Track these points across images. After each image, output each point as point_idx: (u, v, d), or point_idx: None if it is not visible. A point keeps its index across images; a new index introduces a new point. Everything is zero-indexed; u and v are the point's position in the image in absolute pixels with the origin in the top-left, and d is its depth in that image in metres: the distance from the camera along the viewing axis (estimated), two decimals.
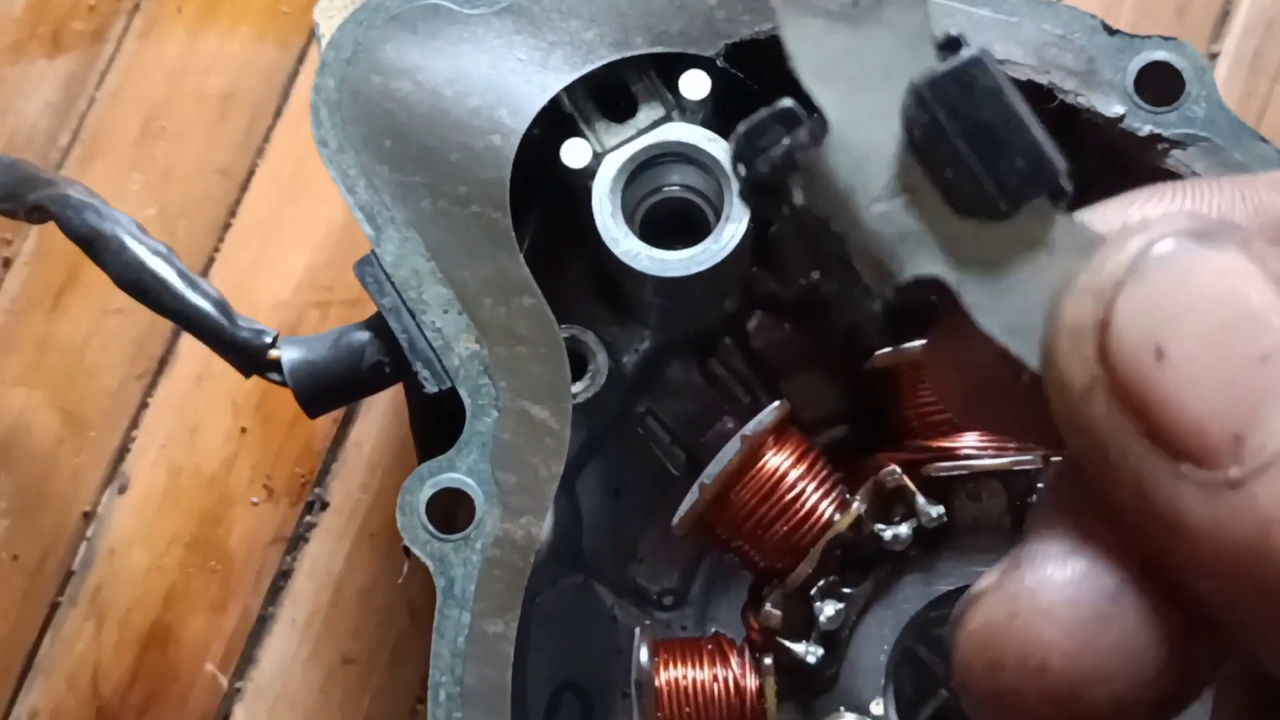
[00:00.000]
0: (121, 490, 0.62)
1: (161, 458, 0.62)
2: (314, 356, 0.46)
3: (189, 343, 0.64)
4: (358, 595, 0.61)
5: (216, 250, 0.64)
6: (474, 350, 0.44)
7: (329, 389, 0.46)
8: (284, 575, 0.61)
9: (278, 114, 0.66)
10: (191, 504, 0.62)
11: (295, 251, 0.64)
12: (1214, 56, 0.67)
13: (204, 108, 0.66)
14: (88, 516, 0.62)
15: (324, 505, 0.62)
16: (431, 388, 0.44)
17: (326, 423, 0.62)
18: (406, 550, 0.44)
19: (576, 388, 0.48)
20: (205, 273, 0.64)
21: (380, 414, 0.63)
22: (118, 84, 0.66)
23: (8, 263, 0.64)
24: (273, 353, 0.46)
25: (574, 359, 0.48)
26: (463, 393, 0.44)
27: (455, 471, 0.44)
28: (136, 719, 0.60)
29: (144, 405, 0.63)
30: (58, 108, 0.65)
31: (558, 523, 0.52)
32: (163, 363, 0.64)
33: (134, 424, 0.63)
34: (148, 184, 0.65)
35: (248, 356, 0.46)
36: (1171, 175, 0.44)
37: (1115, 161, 0.44)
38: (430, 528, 0.43)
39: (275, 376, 0.46)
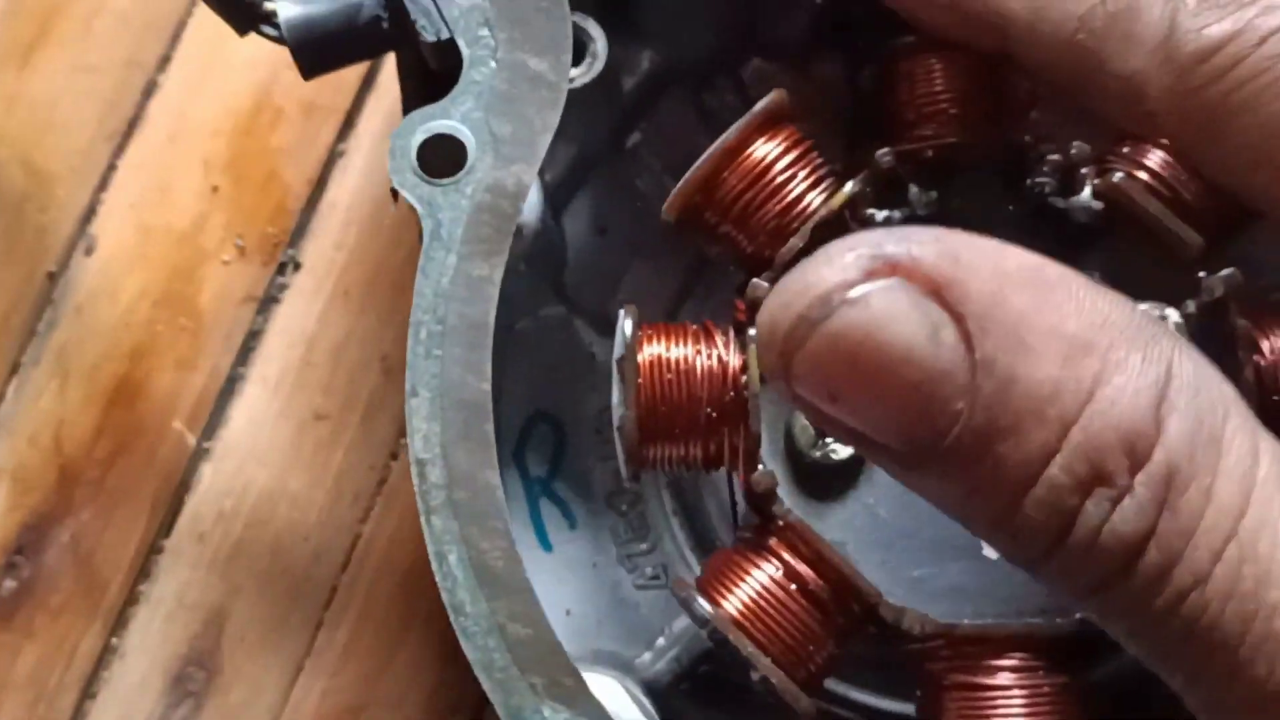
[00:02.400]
0: (89, 251, 0.61)
1: (130, 216, 0.61)
2: (312, 11, 0.45)
3: (161, 101, 0.63)
4: (330, 353, 0.60)
5: (190, 13, 0.63)
6: (475, 1, 0.44)
7: (326, 46, 0.45)
8: (255, 334, 0.60)
9: None
10: (161, 262, 0.61)
11: None
12: None
13: None
14: (53, 277, 0.61)
15: (297, 265, 0.61)
16: (430, 37, 0.44)
17: (300, 183, 0.62)
18: (394, 194, 0.43)
19: (575, 72, 0.47)
20: (178, 35, 0.63)
21: (356, 175, 0.62)
22: None
23: None
24: (269, 4, 0.46)
25: (575, 44, 0.48)
26: (461, 43, 0.44)
27: (449, 119, 0.43)
28: (101, 475, 0.59)
29: (113, 166, 0.62)
30: None
31: (544, 245, 0.52)
32: (133, 123, 0.62)
33: (103, 184, 0.62)
34: None
35: (243, 9, 0.46)
36: None
37: None
38: (420, 171, 0.43)
39: (271, 31, 0.45)
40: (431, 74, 0.45)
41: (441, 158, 0.43)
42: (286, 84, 0.63)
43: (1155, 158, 0.45)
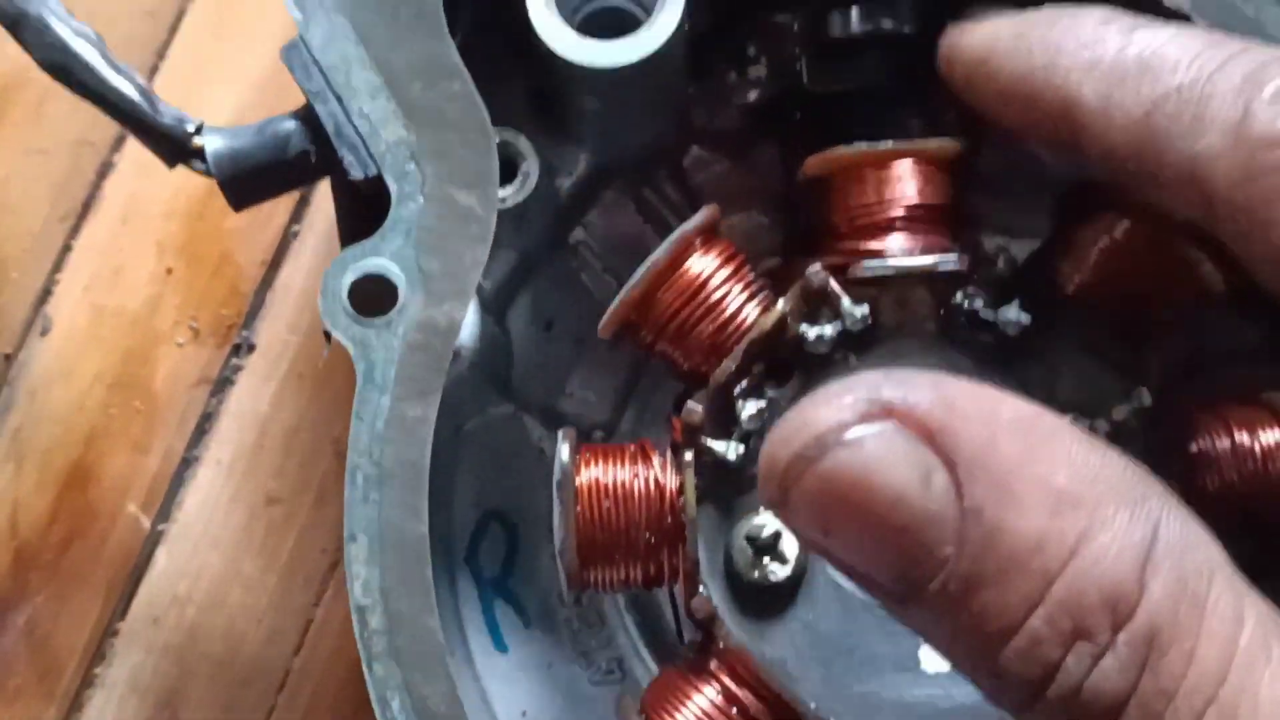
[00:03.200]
0: (44, 332, 0.61)
1: (85, 299, 0.61)
2: (239, 145, 0.45)
3: (114, 183, 0.63)
4: (283, 436, 0.60)
5: None
6: (401, 136, 0.44)
7: (254, 179, 0.45)
8: (209, 417, 0.60)
9: None
10: (115, 344, 0.61)
11: (224, 94, 0.63)
12: None
13: None
14: (9, 359, 0.61)
15: (250, 347, 0.61)
16: (357, 174, 0.44)
17: (253, 265, 0.62)
18: (327, 335, 0.43)
19: (507, 191, 0.48)
20: None
21: (310, 256, 0.62)
22: None
23: None
24: (197, 140, 0.45)
25: (505, 162, 0.48)
26: (388, 178, 0.44)
27: (379, 256, 0.43)
28: (56, 558, 0.59)
29: (67, 247, 0.62)
30: None
31: (488, 347, 0.52)
32: (87, 205, 0.62)
33: (57, 266, 0.61)
34: None
35: (172, 143, 0.45)
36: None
37: None
38: (352, 311, 0.43)
39: (199, 165, 0.45)
40: (365, 198, 0.45)
41: (373, 297, 0.43)
42: None
43: (1086, 268, 0.45)
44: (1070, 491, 0.32)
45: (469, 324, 0.47)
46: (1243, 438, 0.44)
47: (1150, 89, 0.38)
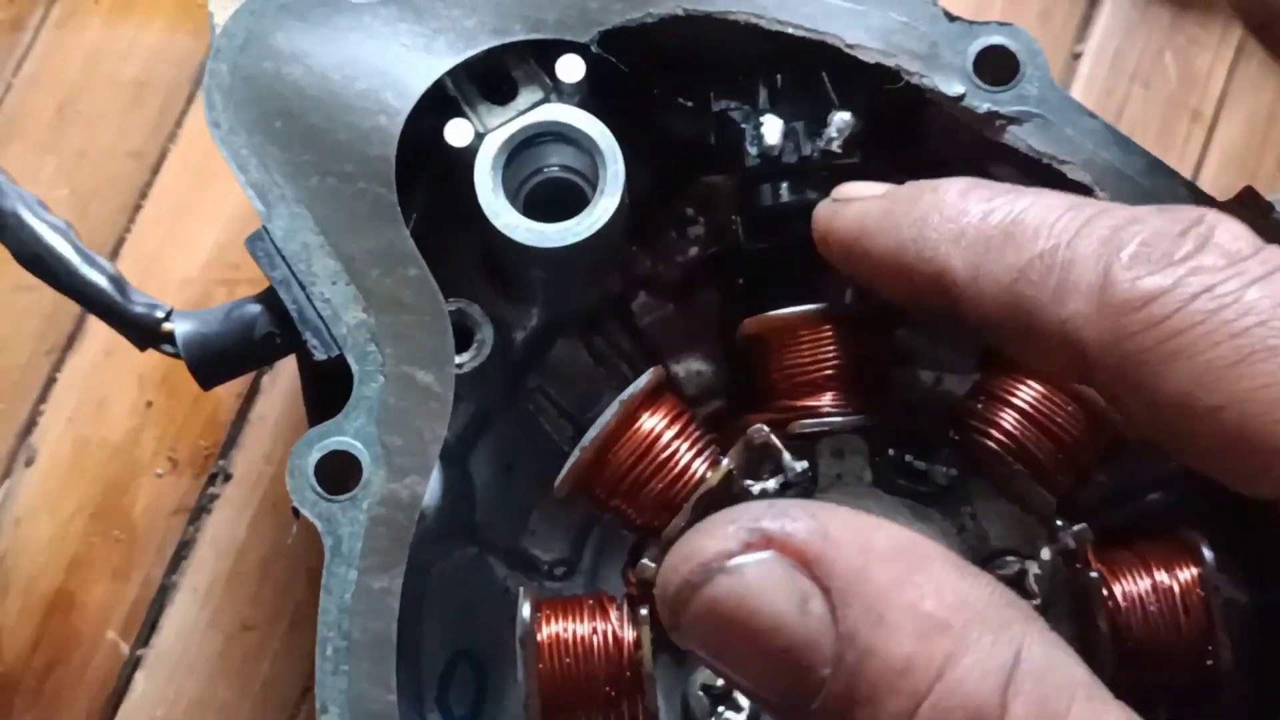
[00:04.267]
0: (29, 463, 0.63)
1: (69, 430, 0.63)
2: (207, 329, 0.48)
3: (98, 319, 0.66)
4: (258, 564, 0.62)
5: (128, 230, 0.66)
6: (361, 319, 0.46)
7: (222, 360, 0.48)
8: (186, 544, 0.62)
9: (189, 100, 0.67)
10: (97, 475, 0.63)
11: (204, 232, 0.65)
12: (1077, 56, 0.71)
13: (118, 93, 0.67)
14: None
15: (227, 477, 0.63)
16: (320, 355, 0.46)
17: (230, 397, 0.64)
18: (296, 511, 0.46)
19: (464, 357, 0.50)
20: (116, 252, 0.65)
21: (284, 388, 0.64)
22: (35, 70, 0.67)
23: None
24: (166, 326, 0.48)
25: (460, 330, 0.50)
26: (350, 359, 0.46)
27: (343, 435, 0.46)
28: (39, 684, 0.61)
29: (52, 380, 0.64)
30: None
31: (451, 495, 0.54)
32: (71, 338, 0.65)
33: (42, 398, 0.64)
34: (61, 166, 0.66)
35: (142, 330, 0.48)
36: (1009, 150, 0.47)
37: (958, 139, 0.48)
38: (319, 489, 0.45)
39: (169, 349, 0.48)
40: (328, 376, 0.48)
41: (338, 474, 0.45)
42: (220, 300, 0.65)
43: (1009, 419, 0.48)
44: (937, 616, 0.34)
45: (433, 485, 0.50)
46: (1161, 576, 0.47)
47: (1015, 256, 0.40)
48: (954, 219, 0.41)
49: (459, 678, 0.56)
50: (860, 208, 0.44)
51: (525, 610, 0.47)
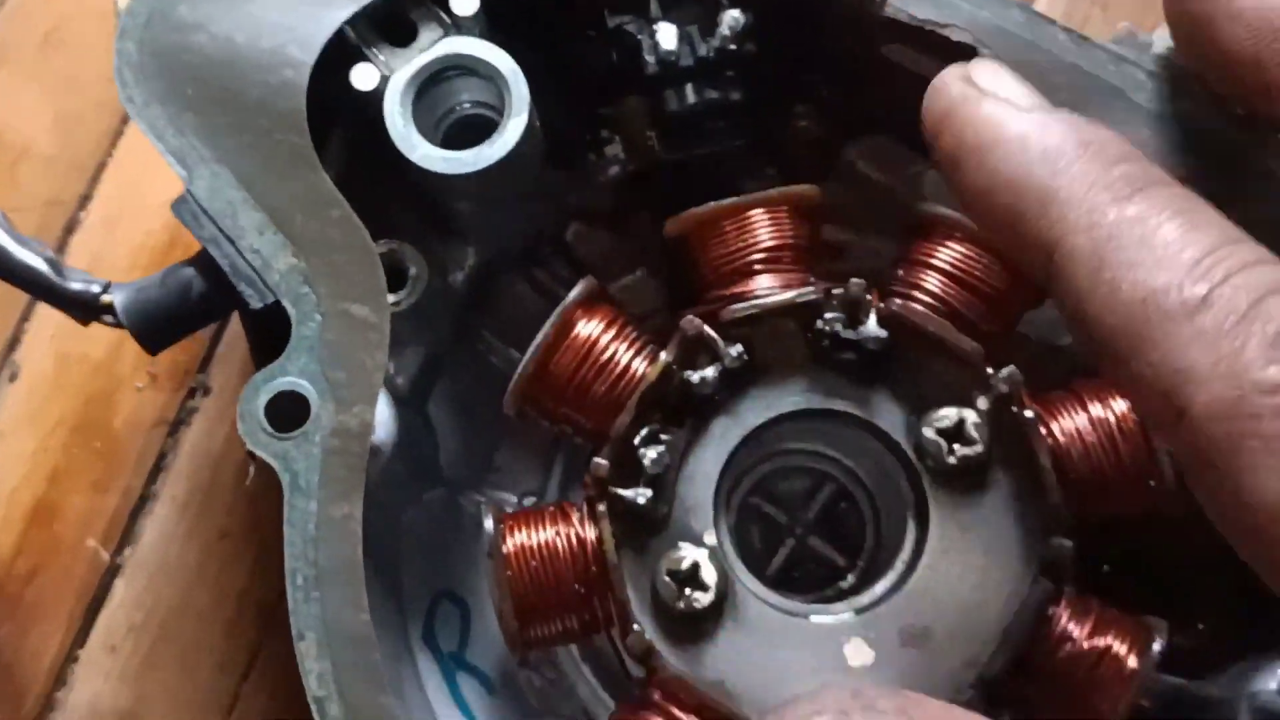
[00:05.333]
0: (12, 378, 0.65)
1: (51, 347, 0.65)
2: (145, 298, 0.49)
3: (81, 238, 0.67)
4: (235, 475, 0.63)
5: (109, 155, 0.67)
6: (292, 264, 0.48)
7: (165, 325, 0.49)
8: (165, 456, 0.64)
9: None
10: (78, 390, 0.65)
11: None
12: None
13: (104, 22, 0.66)
14: None
15: (206, 391, 0.65)
16: (257, 304, 0.47)
17: None
18: (251, 455, 0.47)
19: (399, 295, 0.51)
20: (98, 177, 0.67)
21: None
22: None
23: None
24: (105, 298, 0.49)
25: (393, 270, 0.51)
26: (286, 303, 0.47)
27: (288, 375, 0.47)
28: (21, 590, 0.62)
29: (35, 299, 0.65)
30: None
31: (414, 441, 0.55)
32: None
33: (25, 316, 0.66)
34: (45, 92, 0.68)
35: (82, 306, 0.49)
36: (897, 25, 0.49)
37: (848, 23, 0.49)
38: (270, 430, 0.46)
39: (110, 320, 0.49)
40: (269, 325, 0.49)
41: (288, 413, 0.46)
42: None
43: (932, 281, 0.50)
44: None
45: (386, 421, 0.51)
46: (1096, 409, 0.48)
47: (1148, 277, 0.35)
48: (1092, 209, 0.37)
49: (443, 616, 0.57)
50: (998, 115, 0.40)
51: (488, 524, 0.48)
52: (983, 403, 0.48)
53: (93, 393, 0.64)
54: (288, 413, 0.46)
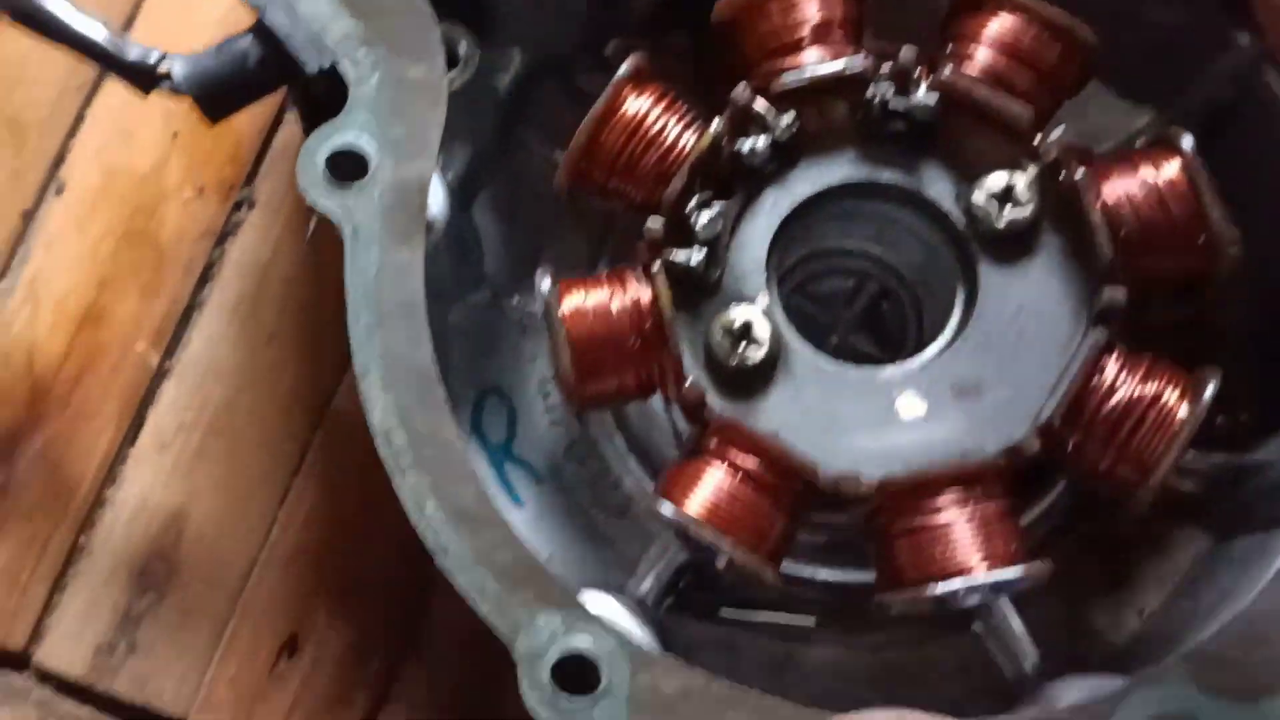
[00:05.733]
0: (59, 191, 0.65)
1: (97, 161, 0.66)
2: (202, 67, 0.49)
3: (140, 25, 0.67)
4: (282, 282, 0.64)
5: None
6: (349, 28, 0.48)
7: (224, 92, 0.49)
8: (212, 265, 0.65)
9: None
10: (125, 201, 0.65)
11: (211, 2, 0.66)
12: None
13: None
14: (27, 216, 0.65)
15: (251, 204, 0.65)
16: (314, 67, 0.48)
17: (253, 130, 0.66)
18: (311, 210, 0.47)
19: (452, 74, 0.52)
20: (130, 22, 0.67)
21: None
22: None
23: None
24: (163, 67, 0.50)
25: (447, 51, 0.52)
26: (344, 65, 0.48)
27: (348, 131, 0.47)
28: (69, 392, 0.63)
29: (81, 116, 0.66)
30: None
31: (461, 240, 0.56)
32: (100, 75, 0.66)
33: (71, 132, 0.66)
34: None
35: (140, 74, 0.49)
36: None
37: None
38: (332, 181, 0.47)
39: (169, 85, 0.49)
40: (324, 103, 0.49)
41: (347, 169, 0.47)
42: None
43: (982, 53, 0.50)
44: None
45: (437, 199, 0.51)
46: (1147, 172, 0.49)
47: None
48: None
49: (490, 409, 0.57)
50: None
51: (545, 284, 0.49)
52: (1032, 167, 0.48)
53: (139, 204, 0.65)
54: (347, 167, 0.47)
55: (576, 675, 0.41)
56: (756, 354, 0.48)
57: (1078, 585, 0.53)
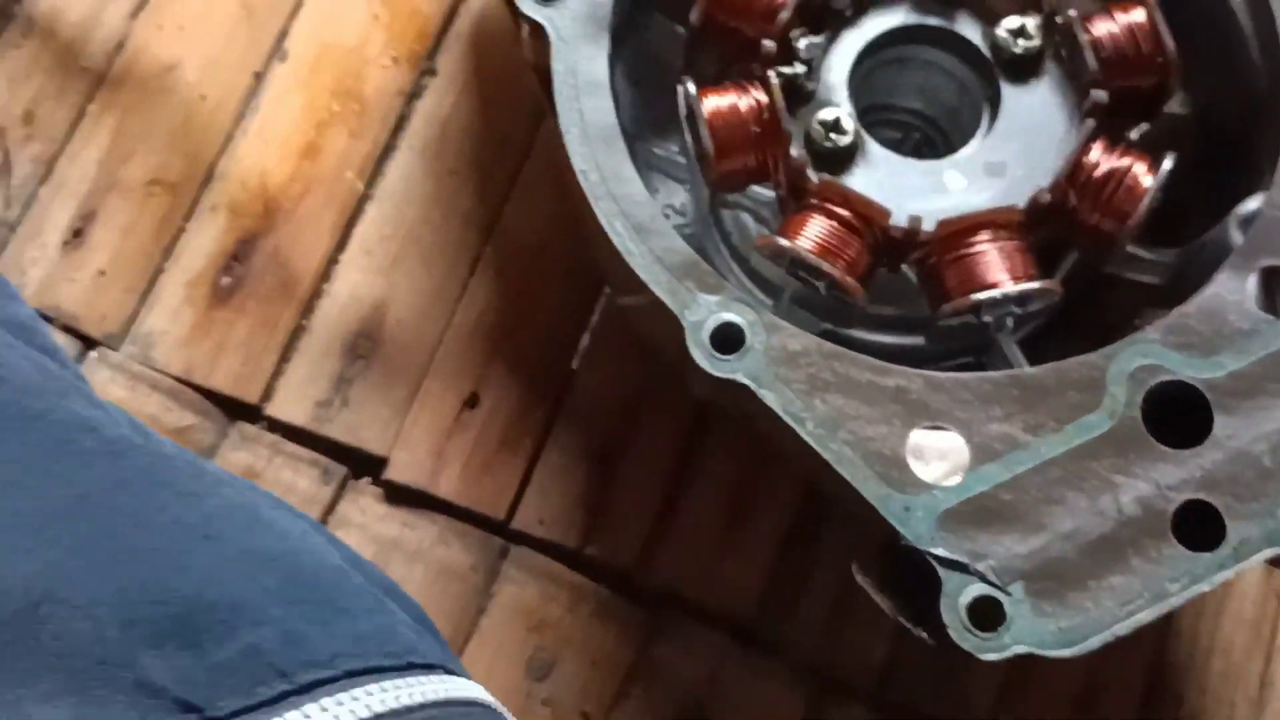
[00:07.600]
0: (283, 59, 0.82)
1: (313, 37, 0.83)
2: None
3: None
4: (460, 131, 0.82)
5: None
6: None
7: None
8: (404, 117, 0.82)
9: None
10: (335, 66, 0.83)
11: None
12: None
13: None
14: (258, 76, 0.82)
15: (434, 72, 0.83)
16: None
17: (438, 14, 0.84)
18: (516, 18, 0.64)
19: None
20: None
21: (477, 9, 0.84)
22: None
23: None
24: None
25: None
26: None
27: None
28: (294, 207, 0.80)
29: (301, 2, 0.84)
30: None
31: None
32: None
33: (293, 13, 0.83)
34: None
35: None
36: None
37: None
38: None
39: None
40: None
41: None
42: None
43: None
44: None
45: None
46: (1120, 16, 0.66)
47: None
48: None
49: None
50: None
51: (691, 88, 0.65)
52: (1038, 15, 0.66)
53: (347, 69, 0.83)
54: None
55: (729, 339, 0.58)
56: (843, 140, 0.65)
57: None
